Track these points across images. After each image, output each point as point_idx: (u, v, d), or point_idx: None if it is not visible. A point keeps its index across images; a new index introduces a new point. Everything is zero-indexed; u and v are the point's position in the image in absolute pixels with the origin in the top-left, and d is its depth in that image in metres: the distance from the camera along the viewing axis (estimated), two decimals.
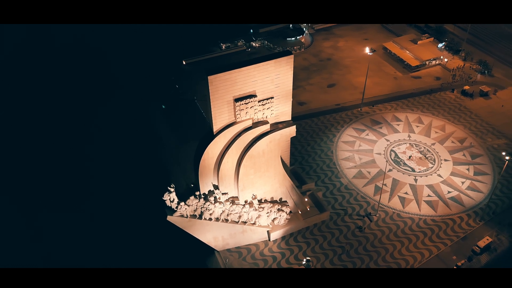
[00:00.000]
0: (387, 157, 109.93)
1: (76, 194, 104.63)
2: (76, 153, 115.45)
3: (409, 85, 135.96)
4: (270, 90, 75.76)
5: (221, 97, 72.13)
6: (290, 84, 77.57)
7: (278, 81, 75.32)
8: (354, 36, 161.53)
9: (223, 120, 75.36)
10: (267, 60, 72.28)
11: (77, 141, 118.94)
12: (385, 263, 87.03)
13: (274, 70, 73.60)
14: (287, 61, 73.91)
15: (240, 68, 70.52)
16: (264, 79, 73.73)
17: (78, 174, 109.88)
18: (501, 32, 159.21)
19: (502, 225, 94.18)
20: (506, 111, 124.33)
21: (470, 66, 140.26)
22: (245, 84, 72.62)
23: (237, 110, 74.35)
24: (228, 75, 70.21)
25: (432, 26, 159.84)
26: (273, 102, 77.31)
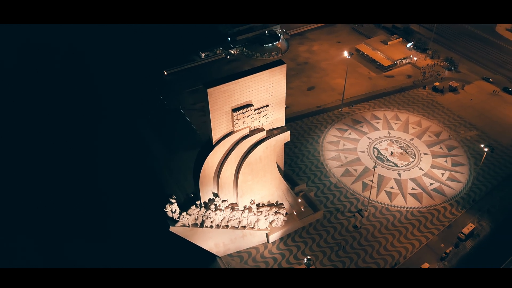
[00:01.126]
0: (370, 154, 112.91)
1: (73, 210, 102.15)
2: (67, 165, 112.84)
3: (383, 84, 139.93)
4: (265, 99, 76.67)
5: (220, 108, 72.43)
6: (284, 92, 78.74)
7: (272, 89, 76.34)
8: (327, 39, 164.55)
9: (222, 130, 75.68)
10: (262, 70, 73.20)
11: (65, 154, 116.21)
12: (379, 256, 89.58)
13: (268, 79, 74.56)
14: (281, 70, 75.07)
15: (237, 79, 70.99)
16: (260, 89, 74.58)
17: (73, 189, 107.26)
18: (463, 30, 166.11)
19: (482, 211, 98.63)
20: (474, 104, 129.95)
21: (438, 63, 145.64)
22: (242, 95, 73.22)
23: (235, 119, 74.84)
24: (226, 86, 70.61)
25: (399, 26, 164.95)
26: (268, 110, 78.26)
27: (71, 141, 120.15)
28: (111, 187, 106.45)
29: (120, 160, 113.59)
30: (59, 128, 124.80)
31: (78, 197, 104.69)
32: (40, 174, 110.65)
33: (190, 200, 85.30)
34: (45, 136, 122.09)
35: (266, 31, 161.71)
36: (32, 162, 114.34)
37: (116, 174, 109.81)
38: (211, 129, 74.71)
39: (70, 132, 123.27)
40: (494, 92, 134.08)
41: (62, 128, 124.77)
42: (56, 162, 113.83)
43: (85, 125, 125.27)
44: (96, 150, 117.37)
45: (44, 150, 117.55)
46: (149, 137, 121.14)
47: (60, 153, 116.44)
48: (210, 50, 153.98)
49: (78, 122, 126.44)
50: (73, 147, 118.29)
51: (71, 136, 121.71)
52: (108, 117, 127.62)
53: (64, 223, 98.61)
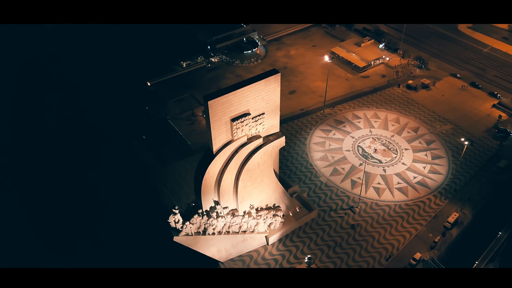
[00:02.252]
0: (355, 152, 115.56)
1: (70, 223, 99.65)
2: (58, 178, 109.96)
3: (360, 85, 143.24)
4: (261, 107, 77.43)
5: (220, 119, 72.62)
6: (278, 99, 79.71)
7: (268, 98, 77.20)
8: (303, 44, 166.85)
9: (222, 139, 75.85)
10: (258, 80, 73.88)
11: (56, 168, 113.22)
12: (374, 249, 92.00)
13: (264, 88, 75.37)
14: (275, 79, 76.01)
15: (235, 90, 71.40)
16: (256, 98, 75.26)
17: (67, 202, 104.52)
18: (429, 30, 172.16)
19: (463, 200, 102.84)
20: (446, 99, 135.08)
21: (409, 62, 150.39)
22: (240, 104, 73.69)
23: (234, 129, 75.21)
24: (225, 98, 70.87)
25: (370, 28, 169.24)
26: (264, 117, 78.99)
27: (60, 156, 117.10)
28: (107, 200, 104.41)
29: (113, 172, 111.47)
30: (50, 142, 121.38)
31: (74, 210, 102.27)
32: (35, 189, 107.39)
33: (191, 209, 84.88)
34: (37, 148, 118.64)
35: (244, 38, 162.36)
36: (22, 179, 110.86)
37: (110, 186, 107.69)
38: (211, 139, 74.69)
39: (59, 147, 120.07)
40: (462, 87, 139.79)
41: (53, 142, 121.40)
42: (50, 176, 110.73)
43: (75, 139, 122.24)
44: (87, 163, 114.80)
45: (34, 165, 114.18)
46: (139, 148, 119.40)
47: (52, 168, 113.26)
48: (191, 59, 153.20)
49: (67, 137, 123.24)
50: (62, 162, 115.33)
51: (61, 151, 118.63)
52: (97, 131, 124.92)
53: (63, 236, 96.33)
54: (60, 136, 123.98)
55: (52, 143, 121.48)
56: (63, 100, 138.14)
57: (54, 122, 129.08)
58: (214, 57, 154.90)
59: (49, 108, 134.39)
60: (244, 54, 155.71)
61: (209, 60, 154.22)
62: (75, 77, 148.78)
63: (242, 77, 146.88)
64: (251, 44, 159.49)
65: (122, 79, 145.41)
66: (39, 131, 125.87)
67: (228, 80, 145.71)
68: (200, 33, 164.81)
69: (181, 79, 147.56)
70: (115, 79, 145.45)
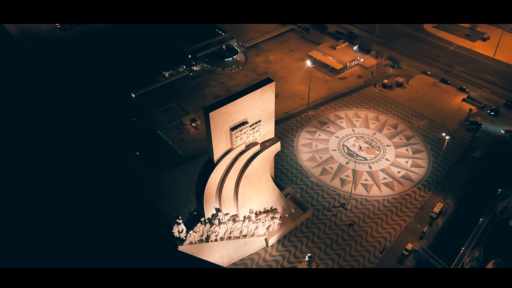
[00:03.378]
0: (341, 151, 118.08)
1: (67, 237, 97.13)
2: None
3: (339, 86, 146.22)
4: (258, 115, 78.18)
5: (220, 129, 72.94)
6: (273, 106, 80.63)
7: (264, 106, 78.04)
8: (280, 49, 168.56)
9: (222, 149, 76.18)
10: (254, 89, 74.59)
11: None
12: (368, 243, 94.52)
13: (260, 97, 76.16)
14: (270, 87, 76.94)
15: (234, 100, 71.89)
16: (253, 106, 75.98)
17: (61, 218, 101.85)
18: (398, 30, 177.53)
19: (445, 191, 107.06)
20: (420, 96, 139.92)
21: (382, 62, 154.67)
22: (238, 114, 74.25)
23: (233, 137, 75.68)
24: (225, 108, 71.28)
25: (343, 31, 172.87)
26: (261, 124, 79.79)
27: (49, 171, 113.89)
28: (103, 213, 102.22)
29: (106, 186, 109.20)
30: (37, 156, 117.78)
31: (70, 225, 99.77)
32: (21, 209, 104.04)
33: (193, 218, 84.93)
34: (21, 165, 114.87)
35: (223, 45, 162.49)
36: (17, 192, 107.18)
37: (104, 200, 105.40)
38: (212, 149, 74.89)
39: (47, 163, 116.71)
40: (434, 84, 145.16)
41: (40, 158, 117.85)
42: (40, 193, 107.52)
43: (64, 154, 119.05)
44: (79, 177, 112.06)
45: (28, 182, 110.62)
46: (130, 160, 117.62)
47: (41, 183, 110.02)
48: (173, 68, 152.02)
49: (56, 153, 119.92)
50: (51, 176, 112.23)
51: (50, 166, 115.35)
52: (85, 146, 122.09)
53: (60, 249, 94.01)
54: (47, 152, 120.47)
55: (39, 159, 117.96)
56: (47, 116, 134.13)
57: (40, 137, 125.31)
58: (195, 65, 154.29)
59: (29, 121, 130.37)
60: (225, 61, 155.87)
61: (191, 69, 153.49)
62: (56, 93, 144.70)
63: (225, 84, 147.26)
64: (231, 51, 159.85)
65: (106, 92, 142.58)
66: (22, 148, 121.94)
67: (212, 88, 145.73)
68: (179, 42, 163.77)
69: (165, 89, 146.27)
70: (98, 93, 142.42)
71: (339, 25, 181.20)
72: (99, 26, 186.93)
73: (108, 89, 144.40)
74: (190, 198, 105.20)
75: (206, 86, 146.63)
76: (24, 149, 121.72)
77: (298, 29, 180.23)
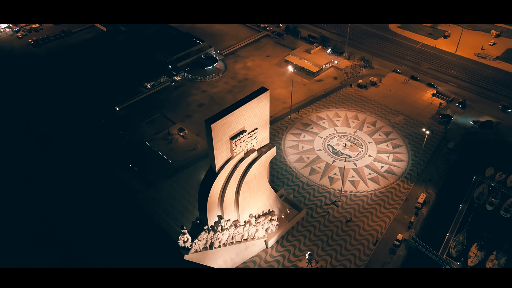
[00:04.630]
0: (327, 151, 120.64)
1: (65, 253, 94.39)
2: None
3: (317, 88, 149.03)
4: (255, 123, 78.96)
5: (221, 139, 73.24)
6: (268, 114, 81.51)
7: (260, 114, 78.92)
8: (257, 55, 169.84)
9: (223, 158, 76.47)
10: (251, 99, 75.29)
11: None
12: (361, 237, 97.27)
13: (256, 106, 76.99)
14: (265, 96, 77.90)
15: (233, 111, 72.35)
16: (251, 115, 76.70)
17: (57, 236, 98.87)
18: (366, 32, 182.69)
19: (426, 181, 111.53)
20: (393, 93, 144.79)
21: (355, 63, 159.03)
22: (237, 123, 74.77)
23: (233, 146, 76.14)
24: (225, 119, 71.63)
25: (315, 35, 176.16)
26: (257, 132, 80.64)
27: (45, 189, 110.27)
28: (101, 229, 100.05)
29: (100, 200, 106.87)
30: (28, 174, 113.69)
31: (70, 243, 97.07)
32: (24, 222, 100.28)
33: (196, 226, 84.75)
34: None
35: (202, 54, 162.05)
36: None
37: (100, 215, 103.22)
38: (214, 159, 75.03)
39: (41, 181, 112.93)
40: (405, 81, 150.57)
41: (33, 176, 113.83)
42: (34, 210, 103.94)
43: (55, 172, 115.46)
44: (74, 194, 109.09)
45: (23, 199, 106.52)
46: (123, 173, 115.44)
47: (37, 202, 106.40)
48: (154, 79, 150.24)
49: (47, 170, 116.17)
50: (48, 194, 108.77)
51: (45, 184, 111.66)
52: (75, 162, 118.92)
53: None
54: (37, 171, 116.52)
55: (29, 176, 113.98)
56: (31, 135, 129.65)
57: (29, 156, 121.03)
58: (177, 75, 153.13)
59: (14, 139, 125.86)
60: (206, 70, 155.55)
61: (172, 79, 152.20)
62: (37, 112, 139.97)
63: (207, 92, 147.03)
64: (211, 60, 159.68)
65: (89, 107, 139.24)
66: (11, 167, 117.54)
67: (195, 96, 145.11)
68: (159, 53, 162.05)
69: (148, 100, 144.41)
70: (82, 108, 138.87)
71: (311, 29, 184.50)
72: (74, 40, 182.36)
73: (91, 104, 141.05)
74: (187, 207, 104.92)
75: (189, 95, 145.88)
76: (12, 168, 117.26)
77: (272, 34, 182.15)
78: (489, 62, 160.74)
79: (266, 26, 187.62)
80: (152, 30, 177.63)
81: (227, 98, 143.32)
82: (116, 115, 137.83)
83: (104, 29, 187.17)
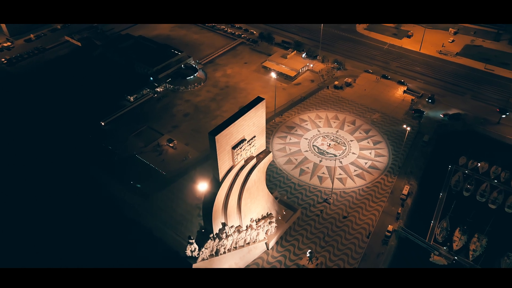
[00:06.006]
0: (313, 151, 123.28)
1: None
2: None
3: (296, 92, 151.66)
4: (253, 131, 80.00)
5: (224, 149, 73.84)
6: (264, 122, 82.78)
7: (258, 122, 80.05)
8: (235, 62, 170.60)
9: (226, 167, 77.05)
10: (249, 109, 76.32)
11: None
12: (355, 231, 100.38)
13: (254, 115, 78.07)
14: (262, 105, 79.12)
15: (234, 122, 73.12)
16: (249, 124, 77.70)
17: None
18: (335, 35, 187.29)
19: (407, 174, 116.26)
20: (368, 93, 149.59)
21: (329, 66, 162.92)
22: (238, 133, 75.61)
23: (234, 155, 76.88)
24: (227, 130, 72.28)
25: (289, 41, 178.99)
26: (255, 139, 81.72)
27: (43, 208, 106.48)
28: (102, 245, 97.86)
29: (100, 218, 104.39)
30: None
31: (71, 261, 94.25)
32: None
33: (201, 235, 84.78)
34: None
35: (182, 65, 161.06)
36: None
37: (102, 233, 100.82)
38: (218, 169, 75.47)
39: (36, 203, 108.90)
40: (376, 80, 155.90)
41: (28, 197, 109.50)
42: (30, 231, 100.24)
43: (49, 190, 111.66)
44: (70, 213, 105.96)
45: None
46: (117, 188, 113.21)
47: (33, 223, 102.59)
48: (137, 92, 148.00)
49: (41, 191, 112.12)
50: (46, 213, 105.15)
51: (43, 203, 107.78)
52: (67, 180, 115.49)
53: None
54: (29, 189, 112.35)
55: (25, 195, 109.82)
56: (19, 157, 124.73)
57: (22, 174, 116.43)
58: (159, 87, 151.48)
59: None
60: (187, 79, 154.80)
61: (154, 90, 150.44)
62: (21, 133, 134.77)
63: (191, 101, 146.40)
64: (191, 70, 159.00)
65: (74, 125, 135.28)
66: None
67: (179, 106, 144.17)
68: (139, 66, 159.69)
69: (133, 113, 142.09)
70: (67, 126, 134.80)
71: (284, 35, 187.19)
72: (48, 56, 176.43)
73: (75, 121, 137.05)
74: (185, 216, 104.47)
75: (173, 106, 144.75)
76: None
77: (247, 42, 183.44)
78: (451, 58, 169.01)
79: (241, 34, 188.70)
80: (128, 43, 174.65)
81: (211, 106, 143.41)
82: (102, 130, 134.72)
83: (79, 44, 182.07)
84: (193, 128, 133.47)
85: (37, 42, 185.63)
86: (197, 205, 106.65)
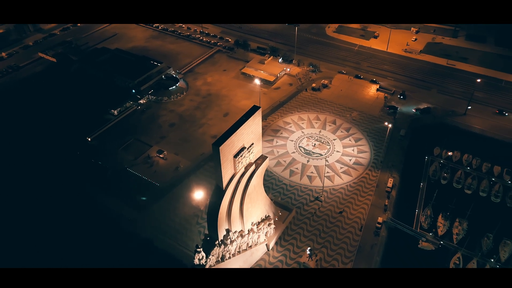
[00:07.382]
0: (300, 152, 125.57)
1: None
2: None
3: (277, 96, 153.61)
4: (251, 139, 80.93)
5: (227, 158, 74.38)
6: (260, 129, 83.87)
7: (255, 130, 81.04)
8: (214, 70, 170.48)
9: (228, 176, 77.60)
10: (247, 118, 77.15)
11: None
12: (348, 225, 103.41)
13: (252, 123, 79.01)
14: (258, 113, 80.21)
15: (235, 132, 73.78)
16: (248, 132, 78.58)
17: None
18: (307, 39, 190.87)
19: (389, 167, 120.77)
20: (344, 93, 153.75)
21: (305, 69, 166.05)
22: (238, 142, 76.34)
23: (236, 163, 77.55)
24: (230, 140, 72.87)
25: (265, 47, 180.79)
26: (253, 146, 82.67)
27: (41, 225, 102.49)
28: (103, 262, 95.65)
29: (98, 235, 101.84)
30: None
31: None
32: None
33: (206, 243, 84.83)
34: None
35: (163, 75, 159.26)
36: None
37: (102, 250, 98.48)
38: (222, 178, 75.88)
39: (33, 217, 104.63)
40: (350, 80, 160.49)
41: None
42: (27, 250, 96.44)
43: (42, 207, 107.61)
44: (68, 232, 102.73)
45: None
46: (112, 203, 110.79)
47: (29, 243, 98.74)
48: (120, 105, 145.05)
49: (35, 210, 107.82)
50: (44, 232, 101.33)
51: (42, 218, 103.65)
52: (64, 199, 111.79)
53: None
54: (24, 212, 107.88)
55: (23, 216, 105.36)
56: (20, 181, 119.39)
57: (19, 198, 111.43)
58: (142, 99, 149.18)
59: None
60: (170, 90, 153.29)
61: (138, 103, 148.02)
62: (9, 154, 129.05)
63: (175, 111, 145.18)
64: (172, 80, 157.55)
65: (60, 142, 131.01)
66: None
67: (165, 117, 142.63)
68: (119, 79, 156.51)
69: (119, 127, 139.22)
70: (53, 144, 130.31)
71: (258, 41, 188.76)
72: (23, 74, 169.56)
73: (61, 138, 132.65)
74: (184, 225, 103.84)
75: (159, 116, 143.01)
76: None
77: (224, 49, 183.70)
78: (415, 56, 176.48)
79: (217, 42, 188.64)
80: (106, 57, 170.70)
81: (196, 115, 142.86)
82: (89, 145, 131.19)
83: (53, 59, 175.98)
84: (181, 138, 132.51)
85: (10, 60, 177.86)
86: (194, 213, 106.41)
